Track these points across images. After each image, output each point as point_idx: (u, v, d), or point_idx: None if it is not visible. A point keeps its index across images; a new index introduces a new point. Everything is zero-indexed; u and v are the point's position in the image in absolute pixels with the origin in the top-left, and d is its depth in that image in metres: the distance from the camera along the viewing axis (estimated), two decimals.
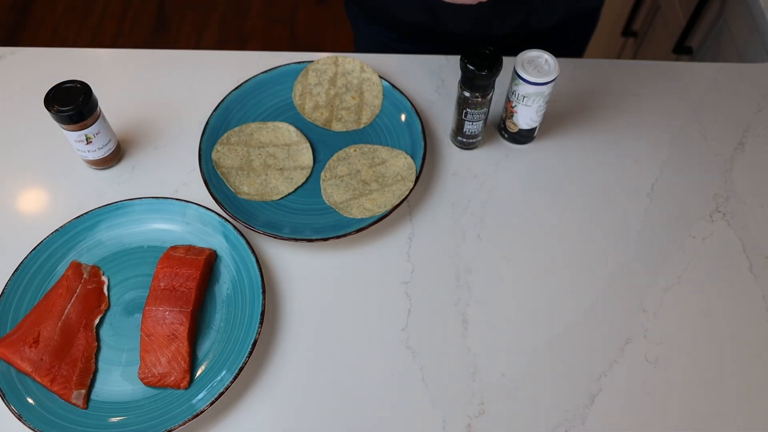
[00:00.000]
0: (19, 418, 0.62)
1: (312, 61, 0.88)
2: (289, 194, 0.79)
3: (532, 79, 0.74)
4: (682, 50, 1.29)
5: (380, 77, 0.86)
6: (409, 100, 0.84)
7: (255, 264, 0.71)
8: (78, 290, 0.70)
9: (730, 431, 0.64)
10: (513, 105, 0.79)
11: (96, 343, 0.68)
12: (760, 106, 0.89)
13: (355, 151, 0.82)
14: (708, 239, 0.77)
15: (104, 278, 0.72)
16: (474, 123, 0.79)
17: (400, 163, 0.80)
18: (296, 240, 0.73)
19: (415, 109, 0.83)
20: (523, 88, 0.76)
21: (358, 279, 0.73)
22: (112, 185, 0.81)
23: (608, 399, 0.66)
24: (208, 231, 0.74)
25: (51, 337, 0.66)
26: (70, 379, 0.64)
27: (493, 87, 0.75)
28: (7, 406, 0.62)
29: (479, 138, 0.83)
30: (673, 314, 0.71)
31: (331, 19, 2.34)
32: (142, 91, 0.90)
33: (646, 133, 0.86)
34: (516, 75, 0.75)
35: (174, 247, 0.72)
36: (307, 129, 0.85)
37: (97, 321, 0.69)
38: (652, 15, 1.48)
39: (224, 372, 0.65)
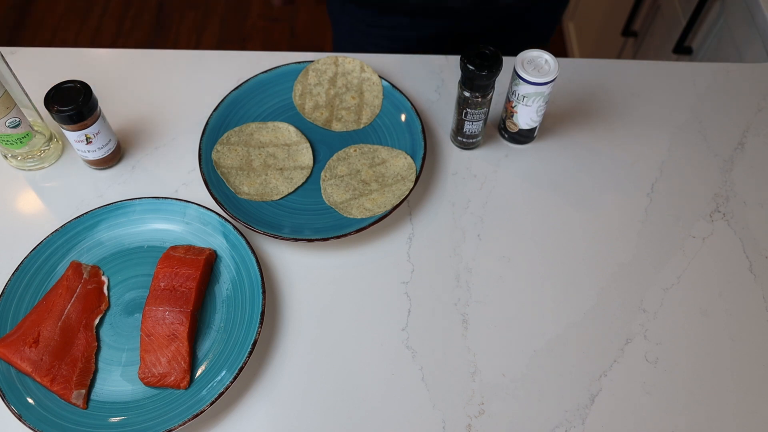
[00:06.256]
0: (19, 418, 0.62)
1: (312, 61, 0.88)
2: (289, 194, 0.79)
3: (532, 79, 0.74)
4: (682, 50, 1.29)
5: (380, 77, 0.86)
6: (409, 100, 0.84)
7: (255, 264, 0.71)
8: (78, 290, 0.70)
9: (730, 431, 0.64)
10: (513, 105, 0.79)
11: (96, 343, 0.68)
12: (760, 106, 0.89)
13: (355, 151, 0.82)
14: (708, 239, 0.77)
15: (104, 278, 0.72)
16: (474, 123, 0.79)
17: (400, 163, 0.80)
18: (296, 240, 0.73)
19: (415, 109, 0.83)
20: (523, 88, 0.76)
21: (358, 279, 0.73)
22: (112, 185, 0.81)
23: (608, 399, 0.66)
24: (208, 231, 0.74)
25: (51, 337, 0.66)
26: (70, 379, 0.64)
27: (493, 87, 0.75)
28: (7, 406, 0.62)
29: (479, 138, 0.83)
30: (673, 314, 0.71)
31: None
32: (142, 91, 0.90)
33: (646, 133, 0.86)
34: (516, 75, 0.75)
35: (174, 247, 0.72)
36: (307, 129, 0.85)
37: (97, 321, 0.69)
38: (652, 15, 1.48)
39: (224, 372, 0.65)
